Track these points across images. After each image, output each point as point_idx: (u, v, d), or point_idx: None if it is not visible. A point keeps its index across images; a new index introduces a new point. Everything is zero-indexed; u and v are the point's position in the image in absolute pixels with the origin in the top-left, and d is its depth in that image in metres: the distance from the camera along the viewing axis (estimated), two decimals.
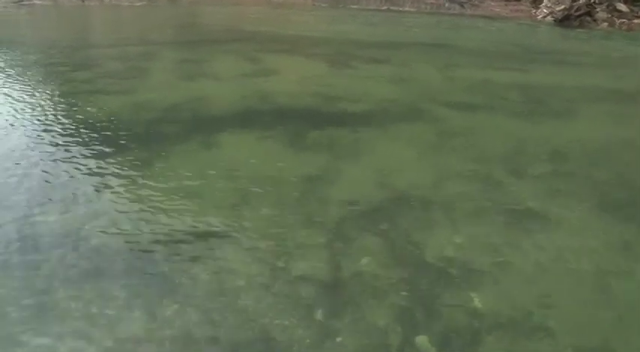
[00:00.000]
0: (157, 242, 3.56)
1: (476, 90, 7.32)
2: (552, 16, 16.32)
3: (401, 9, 19.87)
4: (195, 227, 3.74)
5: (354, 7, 19.70)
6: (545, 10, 16.98)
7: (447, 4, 22.35)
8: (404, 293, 3.11)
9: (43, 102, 6.68)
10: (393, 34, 12.89)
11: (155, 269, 3.29)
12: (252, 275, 3.23)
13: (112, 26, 17.49)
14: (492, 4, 21.81)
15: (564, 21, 15.79)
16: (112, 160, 4.82)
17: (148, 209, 3.98)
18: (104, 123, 5.72)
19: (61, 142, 5.23)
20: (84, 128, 5.65)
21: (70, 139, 5.31)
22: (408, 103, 6.53)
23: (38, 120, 5.94)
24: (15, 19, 18.60)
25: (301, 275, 3.25)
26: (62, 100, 6.81)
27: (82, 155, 4.93)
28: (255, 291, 3.10)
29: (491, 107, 6.55)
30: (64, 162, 4.79)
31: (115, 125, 5.70)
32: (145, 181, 4.42)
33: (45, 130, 5.58)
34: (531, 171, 4.74)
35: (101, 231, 3.68)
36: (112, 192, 4.24)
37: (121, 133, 5.48)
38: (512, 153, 5.14)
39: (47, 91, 7.31)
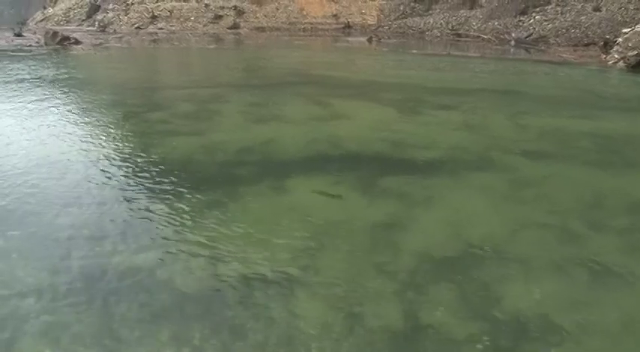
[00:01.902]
0: (228, 285, 3.63)
1: (547, 138, 7.21)
2: (624, 62, 15.94)
3: (464, 54, 19.88)
4: (266, 271, 3.79)
5: (415, 51, 19.84)
6: (616, 56, 16.61)
7: (512, 50, 22.28)
8: (480, 347, 3.07)
9: (118, 141, 7.00)
10: (460, 79, 12.89)
11: (226, 313, 3.34)
12: (325, 323, 3.24)
13: (183, 68, 18.21)
14: (560, 49, 21.59)
15: (637, 66, 15.39)
16: (184, 201, 4.97)
17: (219, 252, 4.06)
18: (177, 164, 5.92)
19: (134, 181, 5.45)
20: (157, 168, 5.88)
21: (143, 178, 5.53)
22: (478, 151, 6.49)
23: (113, 158, 6.22)
24: (93, 59, 19.66)
25: (375, 324, 3.24)
26: (137, 140, 7.13)
27: (154, 195, 5.11)
28: (329, 340, 3.11)
29: (564, 156, 6.43)
30: (135, 201, 4.97)
31: (187, 166, 5.90)
32: (216, 223, 4.52)
33: (119, 169, 5.84)
34: (610, 224, 4.60)
35: (172, 273, 3.78)
36: (183, 234, 4.36)
37: (193, 174, 5.66)
38: (589, 205, 5.01)
39: (123, 131, 7.66)
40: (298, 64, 16.83)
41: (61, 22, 37.10)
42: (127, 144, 6.88)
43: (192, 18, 34.52)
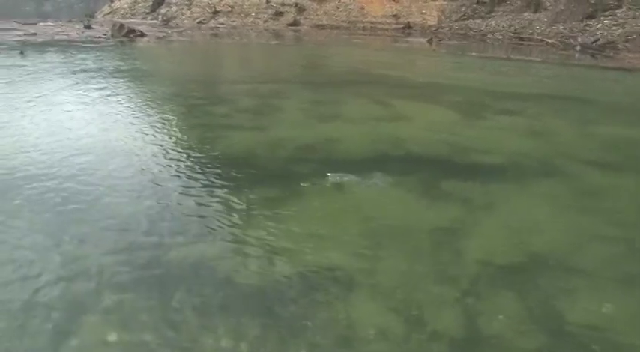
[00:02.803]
0: (287, 282, 3.65)
1: (614, 147, 6.98)
2: None
3: (526, 58, 19.40)
4: (325, 270, 3.80)
5: (474, 54, 19.49)
6: None
7: (577, 55, 21.61)
8: None
9: (181, 133, 7.17)
10: (523, 84, 12.60)
11: (283, 310, 3.37)
12: (383, 326, 3.23)
13: (244, 63, 18.46)
14: (629, 55, 20.79)
15: None
16: (244, 196, 5.04)
17: (278, 248, 4.10)
18: (238, 158, 6.01)
19: (195, 174, 5.56)
20: (218, 161, 5.98)
21: (204, 172, 5.63)
22: (541, 158, 6.33)
23: (175, 150, 6.37)
24: (157, 52, 20.16)
25: (434, 329, 3.21)
26: (199, 132, 7.27)
27: (215, 188, 5.20)
28: (387, 343, 3.10)
29: (633, 167, 6.22)
30: (196, 194, 5.06)
31: (248, 160, 5.98)
32: (275, 219, 4.57)
33: (181, 161, 5.97)
34: None
35: (230, 266, 3.84)
36: (241, 228, 4.42)
37: (255, 169, 5.73)
38: None
39: (186, 123, 7.83)
40: (358, 62, 16.81)
41: (127, 16, 38.16)
42: (189, 136, 7.03)
43: (252, 14, 34.94)
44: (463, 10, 32.25)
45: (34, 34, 23.35)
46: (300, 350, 3.01)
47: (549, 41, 24.32)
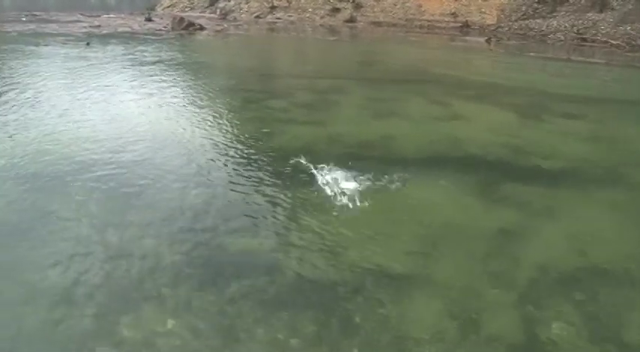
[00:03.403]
0: (343, 279, 3.68)
1: None
2: None
3: (589, 60, 18.78)
4: (382, 269, 3.81)
5: (533, 54, 18.97)
6: None
7: None
8: None
9: (239, 126, 7.31)
10: (585, 87, 12.23)
11: (339, 306, 3.39)
12: (438, 328, 3.22)
13: (300, 58, 18.55)
14: None
15: None
16: (303, 190, 5.09)
17: (334, 244, 4.13)
18: (295, 153, 6.04)
19: (253, 167, 5.66)
20: (274, 156, 6.05)
21: (259, 167, 5.71)
22: (606, 165, 6.15)
23: (235, 141, 6.51)
24: (215, 45, 20.47)
25: (490, 334, 3.18)
26: (258, 125, 7.37)
27: (274, 181, 5.28)
28: (441, 345, 3.08)
29: None
30: (255, 186, 5.15)
31: (307, 155, 6.00)
32: (331, 217, 4.59)
33: (240, 153, 6.09)
34: None
35: (287, 260, 3.89)
36: (300, 223, 4.47)
37: (310, 164, 5.75)
38: None
39: (244, 115, 7.94)
40: (415, 60, 16.66)
41: (186, 9, 38.83)
42: (245, 129, 7.13)
43: (309, 9, 35.00)
44: (524, 9, 31.46)
45: (98, 26, 24.07)
46: (354, 348, 3.03)
47: (614, 42, 23.48)
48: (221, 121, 7.44)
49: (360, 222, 4.50)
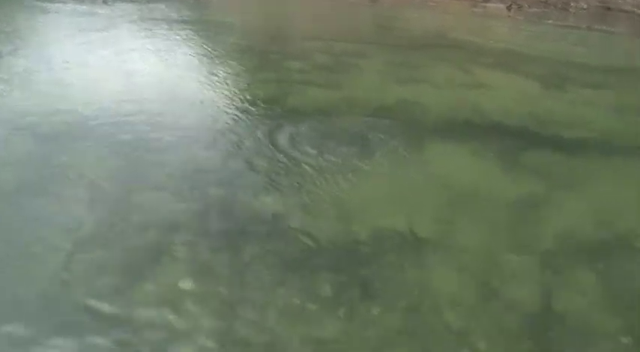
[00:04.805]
0: (362, 242, 3.67)
1: None
2: None
3: (613, 29, 18.34)
4: (401, 234, 3.79)
5: (555, 23, 18.55)
6: None
7: None
8: (623, 341, 2.92)
9: (255, 87, 7.20)
10: (610, 57, 11.96)
11: (358, 270, 3.39)
12: (458, 294, 3.22)
13: (317, 20, 18.20)
14: None
15: None
16: (318, 154, 5.04)
17: (351, 208, 4.11)
18: (312, 116, 6.00)
19: (269, 128, 5.59)
20: (291, 118, 5.97)
21: (276, 128, 5.63)
22: (631, 136, 6.05)
23: (250, 102, 6.41)
24: (229, 3, 20.12)
25: (509, 301, 3.18)
26: (275, 87, 7.27)
27: (287, 145, 5.20)
28: (460, 311, 3.08)
29: None
30: (270, 147, 5.12)
31: (325, 118, 5.96)
32: (349, 179, 4.57)
33: (256, 114, 6.02)
34: None
35: (302, 223, 3.86)
36: (315, 185, 4.43)
37: (331, 127, 5.72)
38: None
39: (259, 77, 7.83)
40: (434, 26, 16.35)
41: None
42: (261, 90, 7.05)
43: None
44: None
45: None
46: (371, 313, 3.03)
47: None
48: (236, 81, 7.36)
49: (379, 187, 4.47)
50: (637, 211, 4.36)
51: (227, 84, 7.16)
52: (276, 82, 7.58)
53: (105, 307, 2.95)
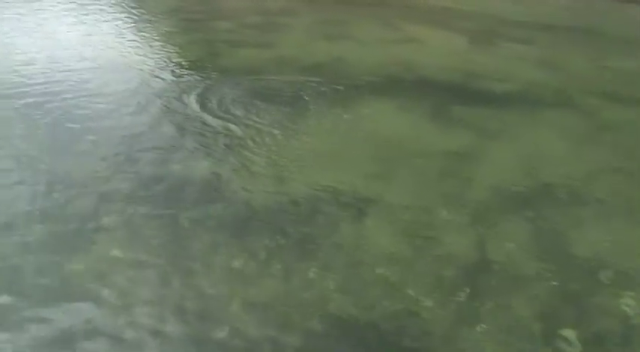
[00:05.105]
0: (297, 203, 3.62)
1: (630, 83, 6.79)
2: None
3: None
4: (336, 192, 3.76)
5: None
6: None
7: None
8: (549, 285, 3.01)
9: (183, 50, 6.96)
10: (539, 14, 12.14)
11: (296, 230, 3.35)
12: (393, 249, 3.23)
13: None
14: None
15: None
16: (252, 115, 4.93)
17: (285, 168, 4.04)
18: (244, 75, 5.86)
19: (199, 90, 5.43)
20: (223, 78, 5.82)
21: (209, 89, 5.49)
22: (554, 89, 6.18)
23: (178, 64, 6.23)
24: None
25: (443, 253, 3.22)
26: (203, 49, 7.05)
27: (220, 106, 5.08)
28: (397, 265, 3.09)
29: None
30: (200, 110, 4.97)
31: (255, 78, 5.83)
32: (283, 139, 4.49)
33: (184, 76, 5.84)
34: None
35: (238, 185, 3.78)
36: (249, 147, 4.33)
37: (261, 87, 5.60)
38: None
39: (189, 39, 7.57)
40: None
41: None
42: (191, 52, 6.83)
43: None
44: None
45: None
46: (310, 272, 3.01)
47: None
48: (165, 44, 7.09)
49: (312, 145, 4.41)
50: (560, 160, 4.47)
51: (154, 47, 6.89)
52: (206, 43, 7.35)
53: (40, 281, 2.82)
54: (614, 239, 3.45)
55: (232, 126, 4.65)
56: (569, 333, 2.69)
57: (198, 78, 5.77)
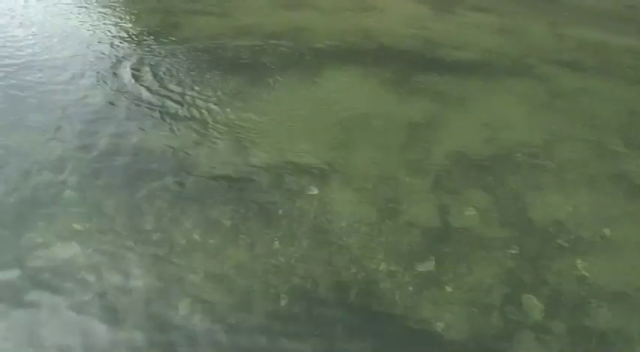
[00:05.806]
0: (259, 173, 3.57)
1: (586, 51, 6.86)
2: None
3: None
4: (297, 161, 3.74)
5: None
6: None
7: None
8: (510, 252, 3.06)
9: (140, 20, 6.72)
10: None
11: (259, 199, 3.32)
12: (356, 217, 3.23)
13: None
14: None
15: None
16: (211, 85, 4.83)
17: (247, 139, 3.98)
18: (203, 46, 5.72)
19: (154, 61, 5.27)
20: (181, 48, 5.67)
21: (168, 59, 5.34)
22: (513, 57, 6.22)
23: (132, 35, 6.02)
24: None
25: (406, 221, 3.24)
26: (160, 18, 6.80)
27: (180, 77, 4.95)
28: (360, 233, 3.11)
29: (603, 71, 6.14)
30: (156, 82, 4.82)
31: (213, 48, 5.69)
32: (243, 111, 4.41)
33: (140, 47, 5.64)
34: None
35: (199, 157, 3.72)
36: (208, 119, 4.24)
37: (220, 58, 5.48)
38: (626, 123, 4.82)
39: (146, 7, 7.30)
40: None
41: None
42: (148, 21, 6.60)
43: None
44: None
45: None
46: (274, 240, 3.00)
47: None
48: (120, 14, 6.83)
49: (274, 116, 4.35)
50: (519, 127, 4.51)
51: (109, 19, 6.63)
52: (162, 12, 7.10)
53: None
54: (573, 204, 3.52)
55: (190, 96, 4.54)
56: (530, 296, 2.75)
57: (156, 47, 5.60)
